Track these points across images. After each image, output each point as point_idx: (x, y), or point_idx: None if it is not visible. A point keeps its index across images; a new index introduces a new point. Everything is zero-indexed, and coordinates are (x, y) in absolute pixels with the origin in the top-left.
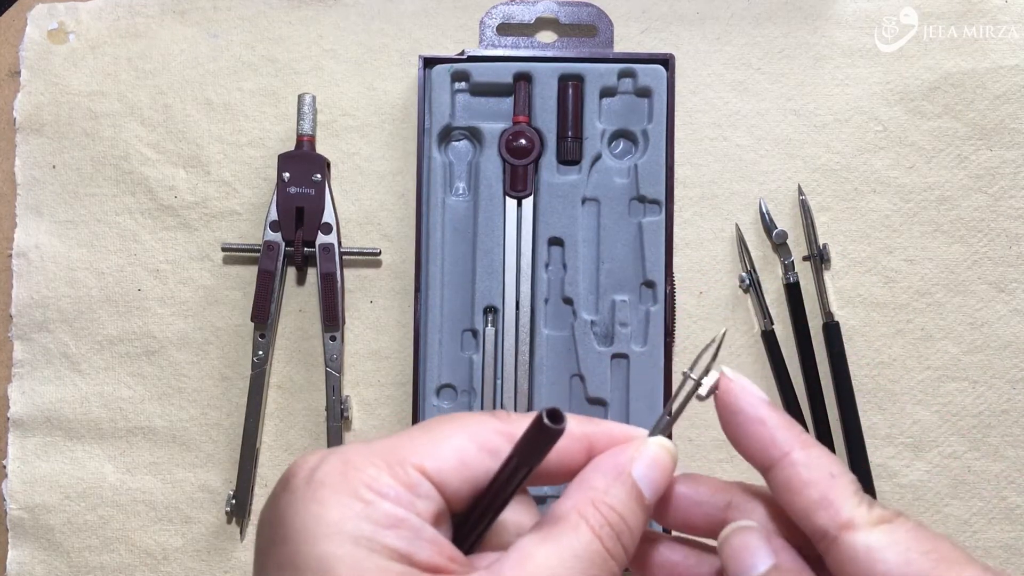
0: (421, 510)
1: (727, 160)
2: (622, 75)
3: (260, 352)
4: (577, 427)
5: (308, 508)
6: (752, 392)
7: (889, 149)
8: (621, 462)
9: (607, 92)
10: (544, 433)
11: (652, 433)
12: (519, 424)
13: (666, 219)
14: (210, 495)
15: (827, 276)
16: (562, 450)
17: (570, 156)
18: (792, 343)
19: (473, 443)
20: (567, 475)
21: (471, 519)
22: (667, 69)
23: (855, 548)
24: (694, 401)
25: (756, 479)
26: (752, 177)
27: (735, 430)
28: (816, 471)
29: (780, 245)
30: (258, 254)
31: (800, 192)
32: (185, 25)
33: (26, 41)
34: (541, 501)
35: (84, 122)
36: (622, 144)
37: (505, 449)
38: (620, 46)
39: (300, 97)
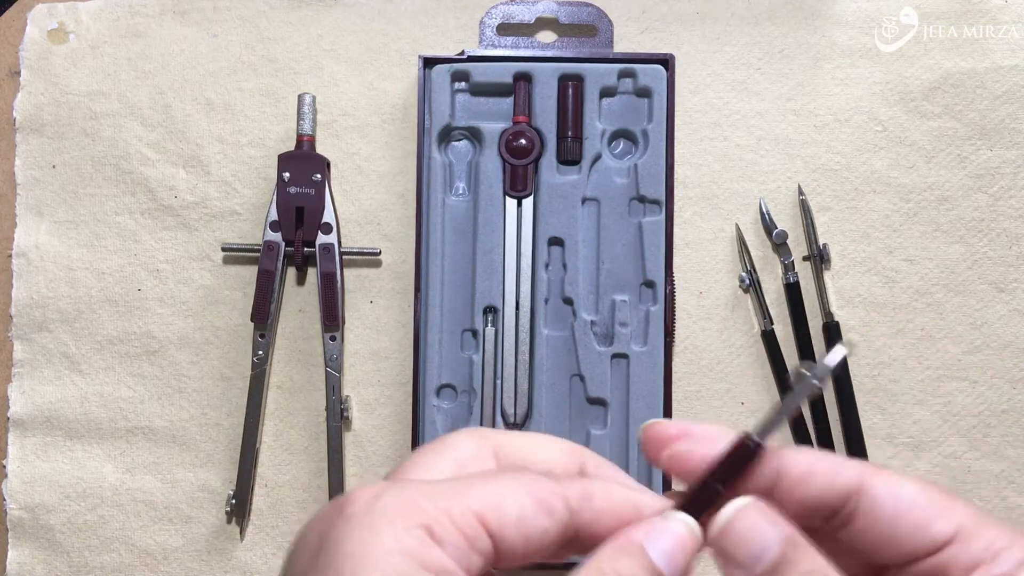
0: (473, 564)
1: (727, 160)
2: (622, 75)
3: (260, 352)
4: (628, 496)
5: (361, 535)
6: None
7: (889, 149)
8: (633, 538)
9: (607, 92)
10: (743, 452)
11: (759, 432)
12: (568, 487)
13: (666, 219)
14: (210, 495)
15: (827, 276)
16: (614, 518)
17: (570, 156)
18: (792, 343)
19: (532, 500)
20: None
21: None
22: (667, 69)
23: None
24: (697, 403)
25: None
26: (752, 177)
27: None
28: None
29: (780, 245)
30: (258, 254)
31: (800, 192)
32: (185, 25)
33: (26, 41)
34: None
35: (84, 122)
36: (622, 144)
37: (560, 509)
38: (620, 46)
39: (300, 97)
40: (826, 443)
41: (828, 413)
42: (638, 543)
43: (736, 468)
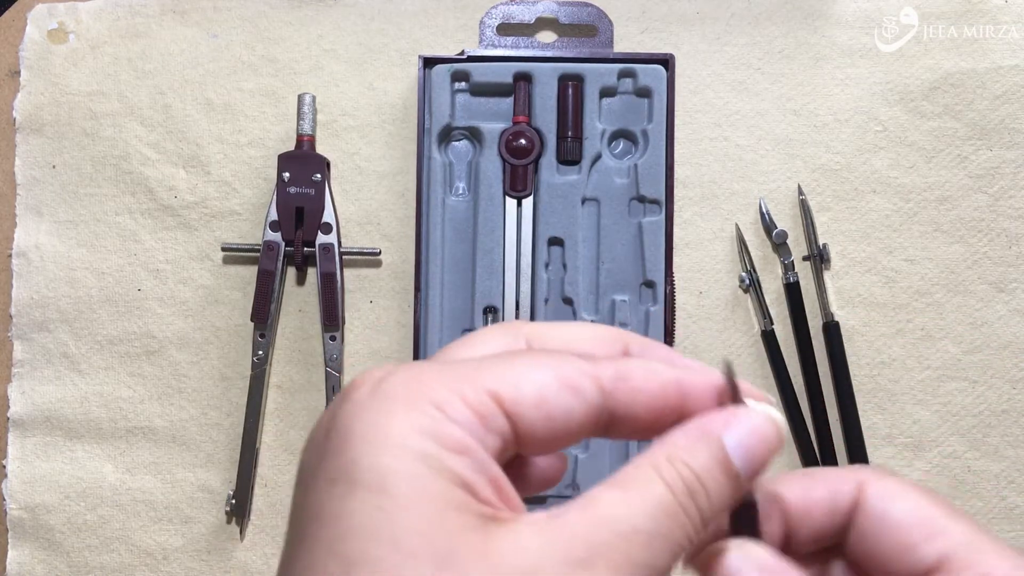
0: (489, 443)
1: (727, 160)
2: (622, 75)
3: (260, 352)
4: (671, 377)
5: (371, 418)
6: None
7: (889, 149)
8: (712, 426)
9: (607, 92)
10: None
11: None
12: (602, 367)
13: (666, 219)
14: (210, 495)
15: (827, 276)
16: (652, 398)
17: (570, 156)
18: (792, 343)
19: (555, 378)
20: (655, 428)
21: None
22: (667, 69)
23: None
24: None
25: None
26: (752, 177)
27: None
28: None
29: (780, 245)
30: (258, 254)
31: (800, 192)
32: (185, 25)
33: (26, 41)
34: (541, 502)
35: (84, 122)
36: (622, 144)
37: (590, 388)
38: (620, 46)
39: (300, 97)
40: (826, 443)
41: (828, 413)
42: (716, 435)
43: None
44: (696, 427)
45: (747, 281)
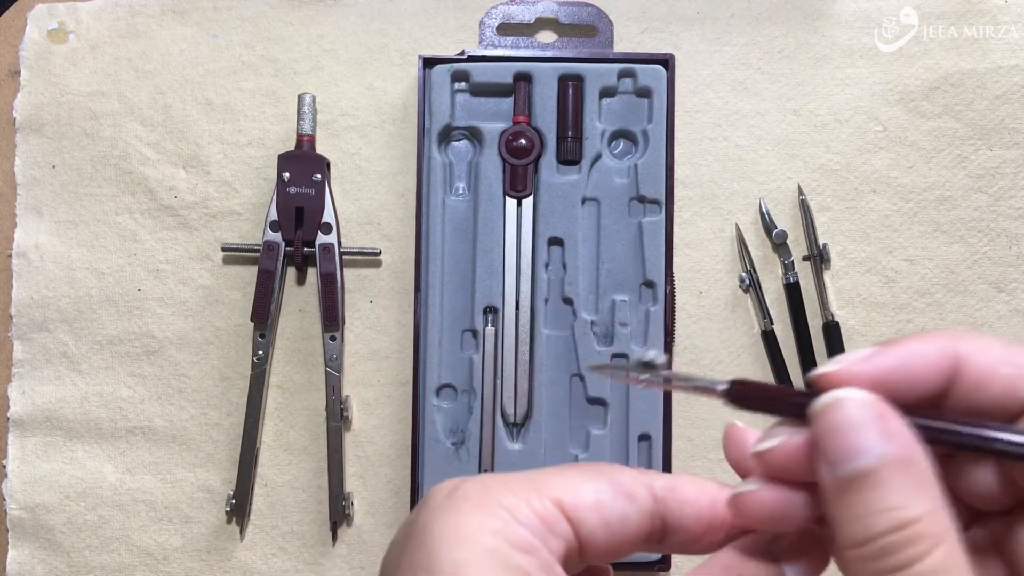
0: (553, 546)
1: (727, 160)
2: (622, 75)
3: (260, 352)
4: (721, 494)
5: (447, 518)
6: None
7: (889, 149)
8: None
9: (607, 92)
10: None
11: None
12: (654, 479)
13: (666, 219)
14: (210, 495)
15: (827, 276)
16: (700, 509)
17: (570, 156)
18: (792, 343)
19: (611, 486)
20: (704, 540)
21: None
22: (667, 69)
23: None
24: (697, 403)
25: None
26: (752, 177)
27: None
28: None
29: (780, 245)
30: (258, 254)
31: (800, 192)
32: (185, 25)
33: (26, 41)
34: None
35: (84, 122)
36: (622, 144)
37: (643, 496)
38: (620, 46)
39: (300, 97)
40: None
41: None
42: None
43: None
44: None
45: (747, 281)
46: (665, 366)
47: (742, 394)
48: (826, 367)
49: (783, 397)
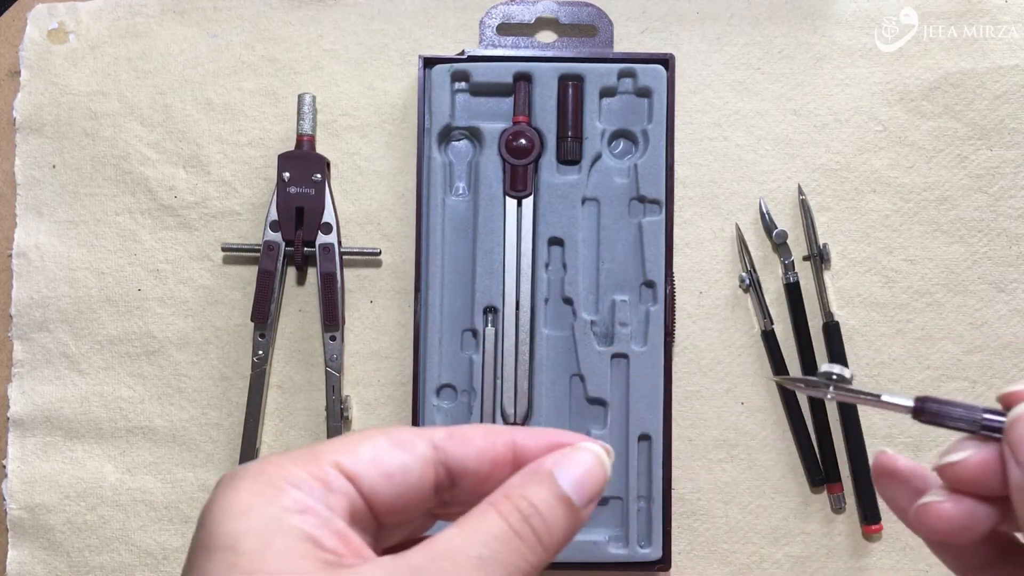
0: (333, 503)
1: (727, 160)
2: (622, 75)
3: (260, 352)
4: (505, 436)
5: (224, 496)
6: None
7: (889, 149)
8: (544, 465)
9: (607, 92)
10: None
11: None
12: (435, 431)
13: (666, 219)
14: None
15: (827, 276)
16: (481, 449)
17: (570, 156)
18: (792, 343)
19: (388, 440)
20: (494, 482)
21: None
22: (667, 69)
23: None
24: (697, 403)
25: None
26: (752, 177)
27: None
28: None
29: (780, 245)
30: (258, 254)
31: (800, 192)
32: (185, 25)
33: (26, 41)
34: None
35: (84, 122)
36: (622, 144)
37: (421, 446)
38: (620, 46)
39: (300, 97)
40: (826, 443)
41: (828, 413)
42: (548, 471)
43: None
44: (529, 468)
45: (747, 281)
46: (850, 380)
47: (928, 410)
48: (1017, 385)
49: (970, 412)
